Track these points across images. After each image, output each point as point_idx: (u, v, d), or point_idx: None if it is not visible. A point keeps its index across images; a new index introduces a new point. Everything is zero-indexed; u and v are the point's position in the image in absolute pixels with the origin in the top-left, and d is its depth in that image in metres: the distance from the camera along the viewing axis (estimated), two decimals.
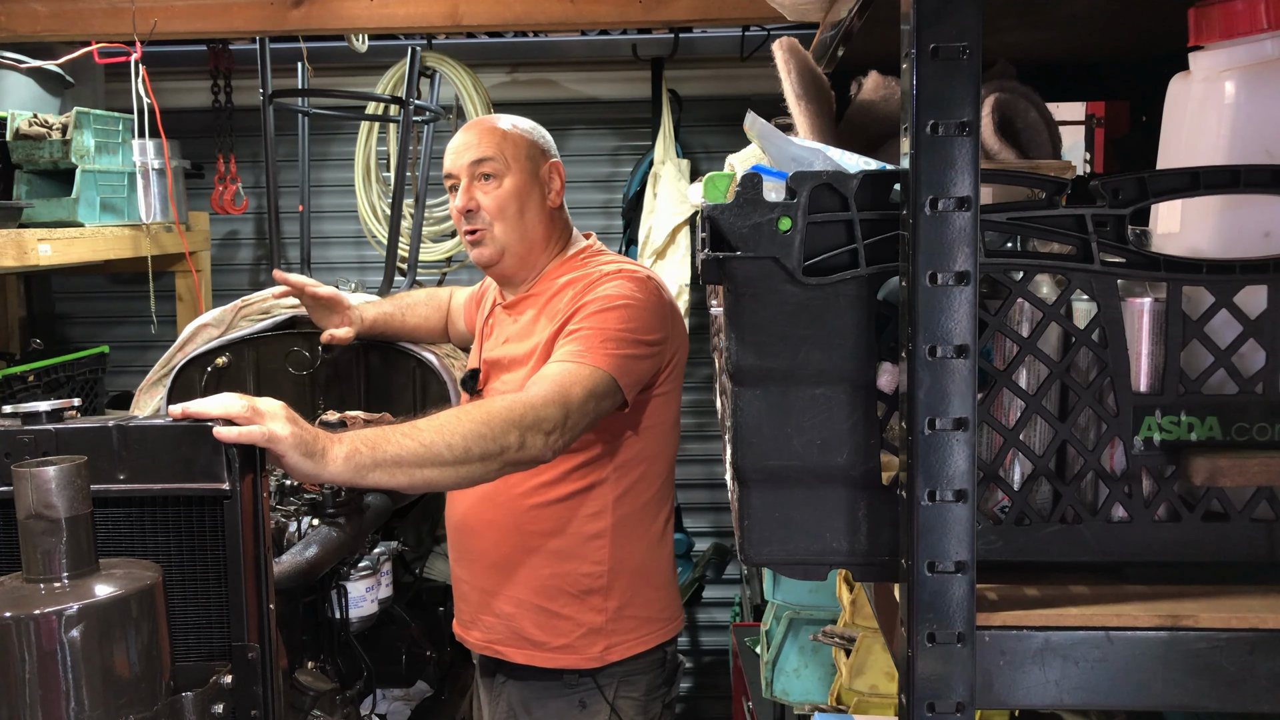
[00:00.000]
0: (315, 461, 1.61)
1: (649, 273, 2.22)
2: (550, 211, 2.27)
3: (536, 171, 2.24)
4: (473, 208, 2.22)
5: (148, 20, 3.48)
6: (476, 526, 2.25)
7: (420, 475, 1.72)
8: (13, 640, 1.29)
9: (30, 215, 3.32)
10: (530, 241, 2.24)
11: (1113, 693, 0.98)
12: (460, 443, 1.74)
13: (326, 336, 2.58)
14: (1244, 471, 0.98)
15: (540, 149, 2.27)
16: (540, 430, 1.83)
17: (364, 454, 1.66)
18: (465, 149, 2.24)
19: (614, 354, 2.01)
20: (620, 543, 2.20)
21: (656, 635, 2.26)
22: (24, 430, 1.50)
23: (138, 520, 1.52)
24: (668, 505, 2.30)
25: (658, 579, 2.27)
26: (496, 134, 2.24)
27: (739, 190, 1.00)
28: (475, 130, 2.27)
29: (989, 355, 1.03)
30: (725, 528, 4.66)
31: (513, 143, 2.23)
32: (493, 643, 2.28)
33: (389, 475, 1.69)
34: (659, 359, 2.13)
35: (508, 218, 2.21)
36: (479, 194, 2.22)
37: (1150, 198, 1.00)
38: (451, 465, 1.74)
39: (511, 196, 2.21)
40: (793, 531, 1.04)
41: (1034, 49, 1.72)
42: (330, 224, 4.66)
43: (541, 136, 2.30)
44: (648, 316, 2.09)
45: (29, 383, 3.53)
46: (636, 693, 2.24)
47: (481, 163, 2.21)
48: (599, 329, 2.04)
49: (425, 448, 1.71)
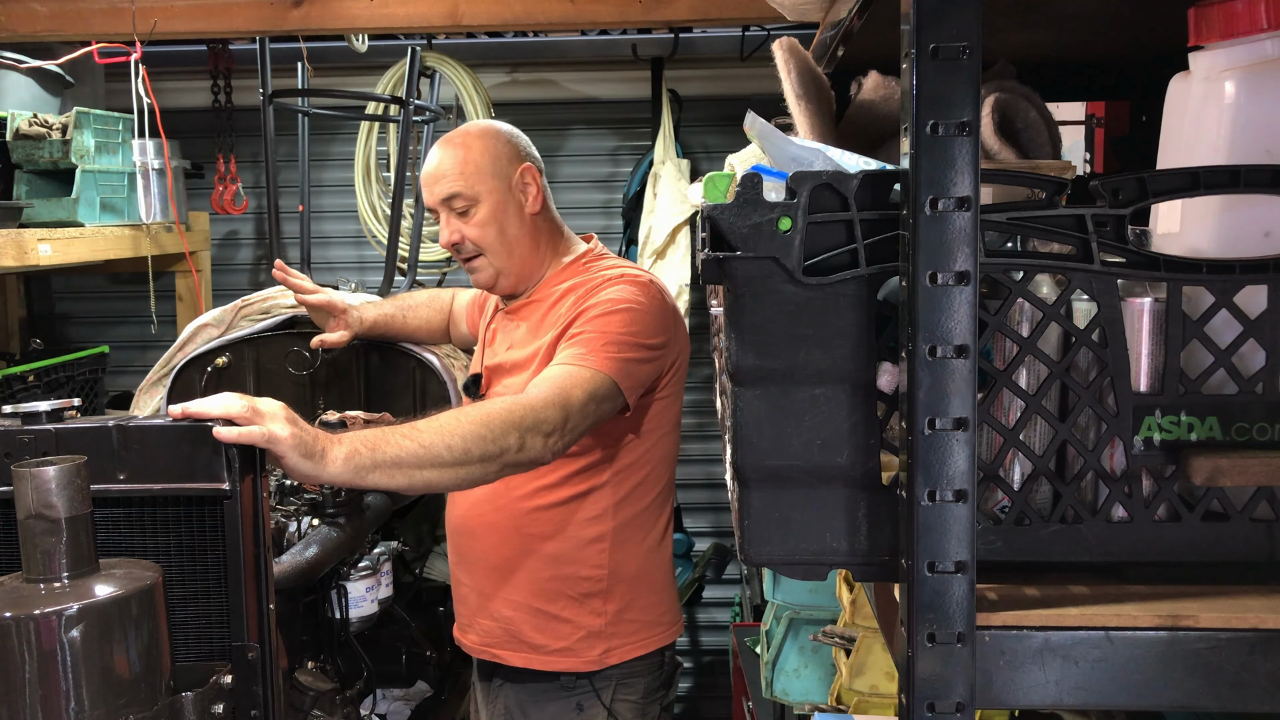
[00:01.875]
0: (315, 463, 1.61)
1: (651, 277, 2.21)
2: (532, 219, 2.23)
3: (508, 186, 2.20)
4: (457, 240, 2.22)
5: (148, 20, 3.48)
6: (477, 529, 2.24)
7: (420, 476, 1.72)
8: (13, 640, 1.29)
9: (30, 215, 3.32)
10: (520, 256, 2.23)
11: (1113, 693, 0.98)
12: (460, 444, 1.74)
13: (317, 341, 2.58)
14: (1244, 471, 0.98)
15: (508, 157, 2.22)
16: (540, 432, 1.83)
17: (363, 455, 1.66)
18: (433, 182, 2.22)
19: (615, 357, 2.00)
20: (621, 546, 2.19)
21: (656, 639, 2.25)
22: (24, 430, 1.50)
23: (138, 520, 1.52)
24: (668, 510, 2.29)
25: (658, 583, 2.26)
26: (458, 159, 2.19)
27: (739, 190, 1.00)
28: (439, 157, 2.22)
29: (989, 355, 1.03)
30: (725, 528, 4.66)
31: (475, 166, 2.19)
32: (490, 646, 2.27)
33: (388, 476, 1.69)
34: (660, 363, 2.12)
35: (490, 242, 2.20)
36: (460, 226, 2.21)
37: (1150, 198, 1.00)
38: (451, 466, 1.74)
39: (489, 222, 2.19)
40: (793, 531, 1.04)
41: (1034, 49, 1.72)
42: (330, 224, 4.66)
43: (507, 142, 2.24)
44: (650, 320, 2.08)
45: (29, 383, 3.53)
46: (634, 695, 2.23)
47: (452, 199, 2.19)
48: (601, 332, 2.03)
49: (425, 449, 1.71)
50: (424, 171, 2.25)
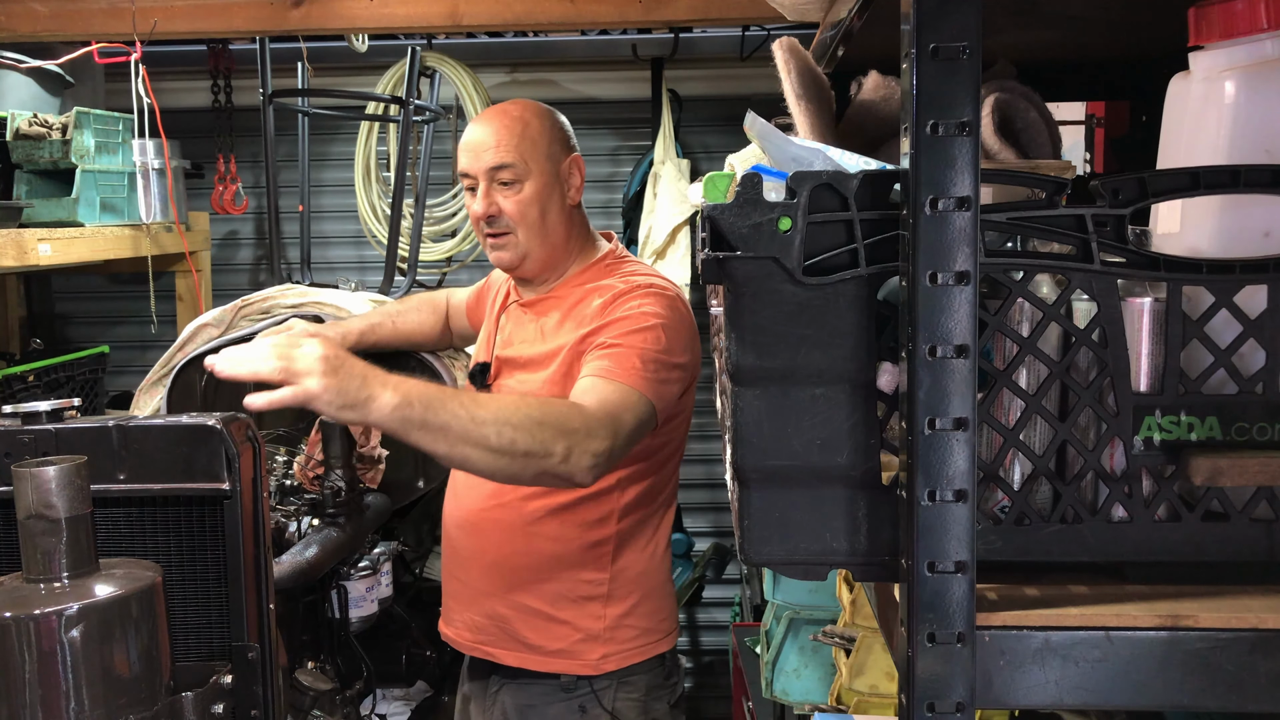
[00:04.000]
0: (359, 410, 1.57)
1: (677, 290, 2.17)
2: (570, 210, 2.20)
3: (557, 170, 2.16)
4: (494, 213, 2.14)
5: (148, 20, 3.48)
6: (480, 524, 2.22)
7: (459, 451, 1.68)
8: (13, 640, 1.29)
9: (30, 215, 3.32)
10: (553, 244, 2.18)
11: (1113, 693, 0.98)
12: (509, 433, 1.70)
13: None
14: (1244, 471, 0.98)
15: (561, 144, 2.19)
16: (587, 450, 1.78)
17: (415, 411, 1.62)
18: (483, 149, 2.14)
19: (652, 378, 1.96)
20: (623, 552, 2.17)
21: (654, 646, 2.23)
22: (24, 430, 1.50)
23: (138, 520, 1.52)
24: (669, 517, 2.27)
25: (658, 589, 2.24)
26: (515, 132, 2.13)
27: (739, 190, 1.00)
28: (493, 126, 2.15)
29: (989, 355, 1.03)
30: (725, 528, 4.66)
31: (532, 142, 2.14)
32: (483, 643, 2.24)
33: (430, 439, 1.65)
34: (684, 382, 2.09)
35: (530, 222, 2.14)
36: (499, 198, 2.13)
37: (1150, 198, 1.00)
38: (493, 453, 1.70)
39: (533, 201, 2.13)
40: (792, 531, 1.04)
41: (1034, 49, 1.72)
42: (330, 224, 4.66)
43: (562, 128, 2.21)
44: (678, 338, 2.05)
45: (29, 383, 3.53)
46: (636, 694, 2.21)
47: (501, 169, 2.12)
48: (636, 349, 1.98)
49: (475, 425, 1.67)
50: (470, 136, 2.17)
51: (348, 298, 3.06)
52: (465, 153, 2.18)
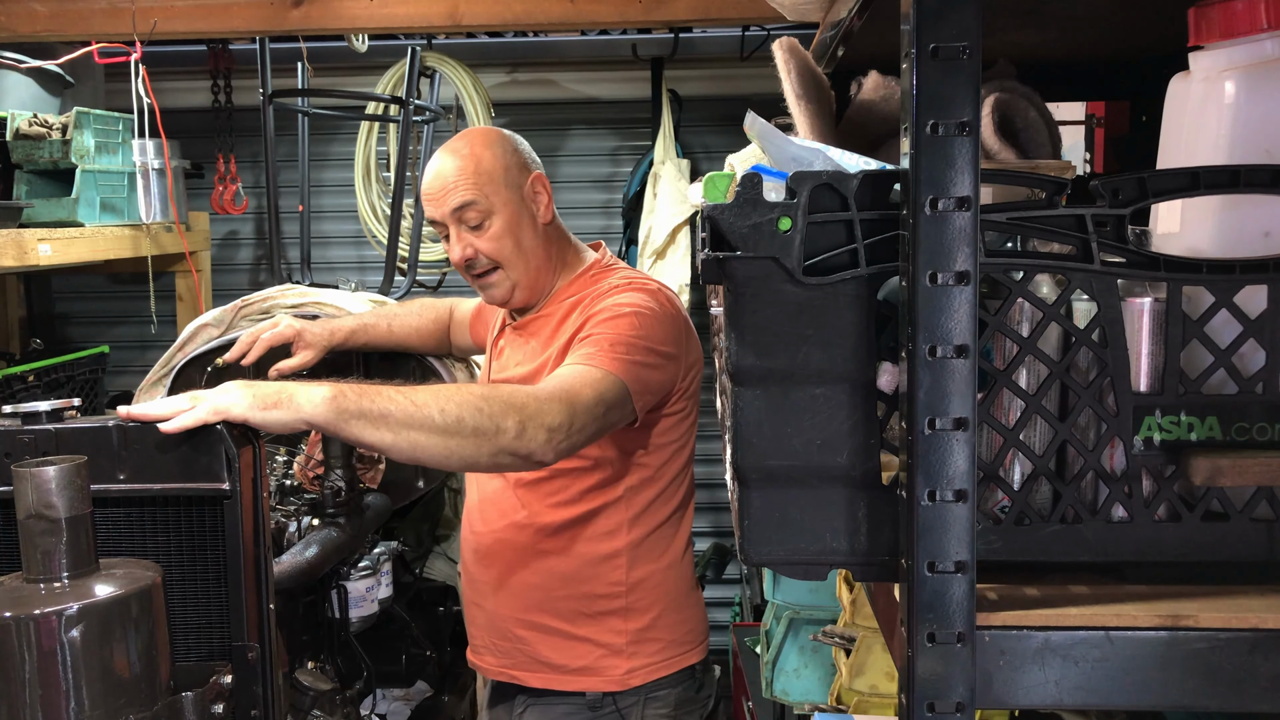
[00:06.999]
0: (285, 409, 1.56)
1: (660, 285, 2.15)
2: (544, 229, 2.16)
3: (521, 196, 2.12)
4: (471, 255, 2.11)
5: (148, 20, 3.48)
6: (492, 548, 2.18)
7: (406, 436, 1.65)
8: (13, 640, 1.29)
9: (30, 215, 3.32)
10: (535, 269, 2.15)
11: (1113, 693, 0.98)
12: (454, 410, 1.66)
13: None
14: (1244, 471, 0.98)
15: (518, 166, 2.13)
16: (542, 425, 1.73)
17: (349, 399, 1.60)
18: (442, 194, 2.10)
19: (624, 359, 1.92)
20: (638, 564, 2.13)
21: (682, 659, 2.18)
22: (24, 430, 1.50)
23: (138, 520, 1.52)
24: (686, 526, 2.23)
25: (681, 599, 2.20)
26: (468, 170, 2.09)
27: (739, 190, 1.00)
28: (446, 169, 2.11)
29: (989, 355, 1.03)
30: (725, 528, 4.67)
31: (488, 175, 2.09)
32: (508, 668, 2.20)
33: (373, 429, 1.63)
34: (672, 373, 2.05)
35: (507, 255, 2.11)
36: (473, 240, 2.10)
37: (1150, 198, 1.00)
38: (441, 433, 1.66)
39: (505, 234, 2.10)
40: (793, 531, 1.04)
41: (1034, 49, 1.72)
42: (330, 224, 4.66)
43: (514, 150, 2.15)
44: (660, 327, 2.02)
45: (29, 383, 3.53)
46: (665, 709, 2.16)
47: (464, 208, 2.08)
48: (609, 334, 1.96)
49: (416, 407, 1.64)
50: (428, 184, 2.13)
51: (348, 298, 3.06)
52: (427, 203, 2.15)
